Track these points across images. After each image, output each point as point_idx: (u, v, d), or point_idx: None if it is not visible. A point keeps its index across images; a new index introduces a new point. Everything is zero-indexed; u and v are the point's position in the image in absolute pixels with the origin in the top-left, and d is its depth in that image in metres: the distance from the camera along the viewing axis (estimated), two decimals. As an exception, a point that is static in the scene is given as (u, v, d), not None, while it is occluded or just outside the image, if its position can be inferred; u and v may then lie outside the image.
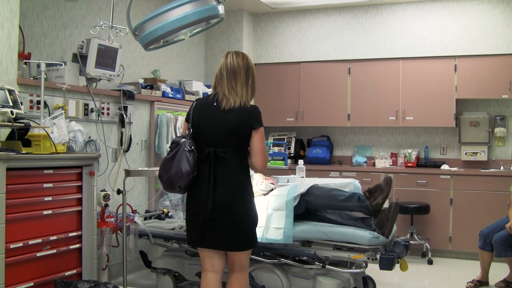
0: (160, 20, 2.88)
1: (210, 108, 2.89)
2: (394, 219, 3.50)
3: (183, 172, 2.78)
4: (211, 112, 2.88)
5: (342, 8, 6.43)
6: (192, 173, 2.80)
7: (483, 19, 5.82)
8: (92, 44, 4.21)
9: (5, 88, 3.29)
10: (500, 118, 5.96)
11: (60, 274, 3.40)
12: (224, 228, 2.83)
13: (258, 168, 2.91)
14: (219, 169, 2.83)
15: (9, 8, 3.53)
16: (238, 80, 2.86)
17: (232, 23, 6.59)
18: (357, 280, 3.75)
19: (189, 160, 2.79)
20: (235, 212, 2.83)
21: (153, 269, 4.14)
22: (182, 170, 2.78)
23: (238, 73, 2.87)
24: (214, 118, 2.87)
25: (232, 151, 2.85)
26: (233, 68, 2.87)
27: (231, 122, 2.83)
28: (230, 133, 2.84)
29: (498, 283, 4.48)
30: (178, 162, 2.80)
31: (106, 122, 4.56)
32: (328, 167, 6.32)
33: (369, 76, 6.25)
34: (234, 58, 2.90)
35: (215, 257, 2.93)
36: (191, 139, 2.86)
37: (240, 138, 2.85)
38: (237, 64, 2.88)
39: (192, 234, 2.95)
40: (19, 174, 3.14)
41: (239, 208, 2.85)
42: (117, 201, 4.13)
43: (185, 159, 2.79)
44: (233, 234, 2.85)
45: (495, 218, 4.66)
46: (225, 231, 2.84)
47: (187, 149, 2.81)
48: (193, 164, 2.80)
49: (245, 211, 2.87)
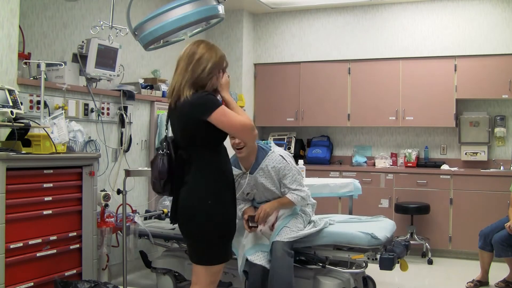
0: (160, 20, 2.87)
1: (170, 108, 2.68)
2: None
3: (153, 179, 2.64)
4: (170, 111, 2.67)
5: (342, 8, 6.43)
6: (161, 178, 2.58)
7: (483, 19, 5.82)
8: (92, 44, 4.21)
9: (5, 88, 3.29)
10: (500, 118, 5.96)
11: (60, 274, 3.39)
12: (186, 237, 2.64)
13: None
14: (186, 172, 2.59)
15: (9, 8, 3.53)
16: (177, 68, 2.61)
17: (232, 23, 6.59)
18: (357, 280, 3.75)
19: (159, 166, 2.59)
20: (194, 219, 2.54)
21: (153, 269, 4.13)
22: (153, 176, 2.64)
23: (180, 62, 2.62)
24: (171, 120, 2.68)
25: (196, 151, 2.58)
26: (178, 59, 2.64)
27: (181, 121, 2.59)
28: (185, 133, 2.59)
29: (498, 283, 4.47)
30: (153, 167, 2.64)
31: (106, 122, 4.56)
32: (328, 167, 6.32)
33: (369, 76, 6.25)
34: (185, 48, 2.63)
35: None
36: (168, 141, 2.64)
37: (200, 136, 2.56)
38: (182, 54, 2.63)
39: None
40: (19, 174, 3.13)
41: (198, 214, 2.53)
42: (117, 201, 4.13)
43: (156, 164, 2.61)
44: (192, 244, 2.61)
45: (495, 218, 4.66)
46: (187, 240, 2.66)
47: (161, 152, 2.62)
48: (162, 169, 2.57)
49: (205, 219, 2.53)
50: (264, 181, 3.44)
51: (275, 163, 3.42)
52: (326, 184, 4.40)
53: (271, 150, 3.48)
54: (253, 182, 3.47)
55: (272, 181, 3.45)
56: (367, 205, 5.74)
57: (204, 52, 2.58)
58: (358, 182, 4.53)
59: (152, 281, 4.39)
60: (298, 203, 3.50)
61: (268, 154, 3.45)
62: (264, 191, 3.50)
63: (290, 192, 3.46)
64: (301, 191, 3.48)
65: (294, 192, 3.45)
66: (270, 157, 3.43)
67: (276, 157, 3.44)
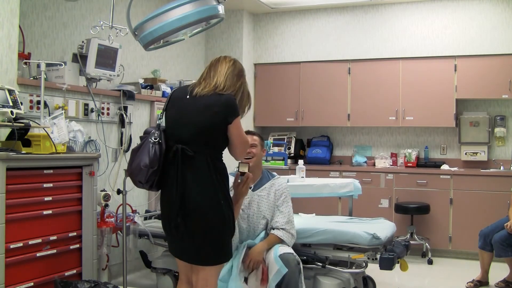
0: (160, 20, 2.87)
1: (183, 99, 2.63)
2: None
3: (141, 166, 2.50)
4: (182, 103, 2.62)
5: (342, 8, 6.43)
6: (151, 167, 2.50)
7: (483, 19, 5.82)
8: (92, 44, 4.21)
9: (5, 88, 3.29)
10: (500, 118, 5.96)
11: (60, 274, 3.39)
12: (192, 237, 2.53)
13: (238, 158, 2.70)
14: (187, 170, 2.52)
15: (9, 8, 3.53)
16: (221, 67, 2.67)
17: (232, 23, 6.59)
18: (357, 280, 3.75)
19: (150, 153, 2.50)
20: (206, 219, 2.51)
21: (153, 269, 4.13)
22: (140, 163, 2.51)
23: (221, 64, 2.69)
24: (183, 110, 2.60)
25: (203, 149, 2.55)
26: (216, 61, 2.73)
27: (200, 115, 2.55)
28: (199, 129, 2.55)
29: (498, 283, 4.48)
30: (140, 154, 2.54)
31: (106, 122, 4.56)
32: (328, 167, 6.32)
33: (369, 76, 6.25)
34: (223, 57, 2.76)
35: (189, 268, 2.67)
36: (160, 131, 2.58)
37: (213, 135, 2.57)
38: (224, 59, 2.73)
39: (167, 239, 2.74)
40: (19, 174, 3.13)
41: (211, 214, 2.52)
42: (117, 201, 4.13)
43: (146, 151, 2.52)
44: (201, 244, 2.54)
45: (495, 218, 4.66)
46: (193, 240, 2.54)
47: (152, 140, 2.53)
48: (153, 157, 2.50)
49: (217, 218, 2.53)
50: (262, 202, 3.42)
51: (279, 187, 3.46)
52: (326, 184, 4.40)
53: (278, 176, 3.57)
54: (248, 201, 3.40)
55: (268, 205, 3.42)
56: (367, 205, 5.74)
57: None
58: (358, 182, 4.53)
59: (152, 281, 4.39)
60: (287, 241, 3.37)
61: (275, 178, 3.53)
62: (253, 215, 3.42)
63: (281, 230, 3.35)
64: (292, 229, 3.41)
65: (284, 229, 3.36)
66: (277, 180, 3.51)
67: (282, 182, 3.51)
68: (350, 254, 3.56)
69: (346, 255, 3.57)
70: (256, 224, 3.42)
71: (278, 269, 3.15)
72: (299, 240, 3.59)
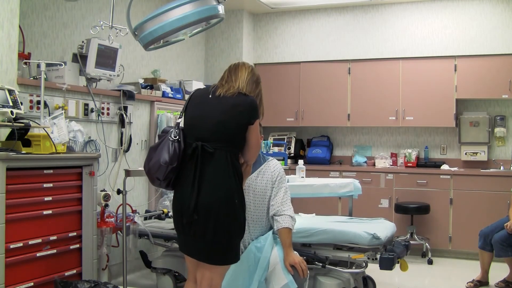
0: (160, 20, 2.87)
1: (205, 98, 2.70)
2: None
3: (160, 162, 2.54)
4: (204, 103, 2.68)
5: (342, 8, 6.43)
6: (170, 164, 2.54)
7: (483, 19, 5.82)
8: (92, 44, 4.21)
9: (5, 88, 3.29)
10: (500, 118, 5.96)
11: (60, 274, 3.39)
12: (203, 234, 2.52)
13: (250, 161, 2.72)
14: (206, 166, 2.55)
15: (9, 8, 3.53)
16: (241, 73, 2.76)
17: (232, 23, 6.59)
18: (357, 280, 3.75)
19: (169, 150, 2.55)
20: (219, 216, 2.51)
21: (153, 269, 4.13)
22: (160, 160, 2.55)
23: (241, 70, 2.79)
24: (206, 109, 2.65)
25: (223, 147, 2.59)
26: (235, 66, 2.82)
27: (225, 113, 2.61)
28: (222, 126, 2.60)
29: (498, 283, 4.47)
30: (159, 151, 2.58)
31: (106, 122, 4.56)
32: (328, 167, 6.32)
33: (369, 76, 6.25)
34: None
35: (196, 266, 2.66)
36: (179, 129, 2.63)
37: (234, 133, 2.62)
38: (243, 65, 2.83)
39: (178, 237, 2.72)
40: (19, 174, 3.13)
41: (224, 212, 2.52)
42: (117, 201, 4.13)
43: (166, 148, 2.56)
44: (212, 241, 2.53)
45: (495, 218, 4.66)
46: (204, 237, 2.53)
47: (171, 138, 2.58)
48: (173, 155, 2.55)
49: (230, 217, 2.54)
50: (257, 187, 3.27)
51: (274, 168, 3.35)
52: (326, 184, 4.40)
53: (272, 158, 3.46)
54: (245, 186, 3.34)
55: (264, 187, 3.27)
56: (367, 205, 5.74)
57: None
58: (358, 182, 4.52)
59: (152, 281, 4.39)
60: (291, 226, 3.19)
61: (269, 160, 3.44)
62: (250, 203, 3.24)
63: (282, 215, 3.17)
64: (288, 210, 3.22)
65: (285, 213, 3.18)
66: (271, 162, 3.38)
67: (276, 163, 3.38)
68: (350, 254, 3.55)
69: (346, 255, 3.57)
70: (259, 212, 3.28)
71: (287, 283, 3.04)
72: (299, 240, 3.59)
